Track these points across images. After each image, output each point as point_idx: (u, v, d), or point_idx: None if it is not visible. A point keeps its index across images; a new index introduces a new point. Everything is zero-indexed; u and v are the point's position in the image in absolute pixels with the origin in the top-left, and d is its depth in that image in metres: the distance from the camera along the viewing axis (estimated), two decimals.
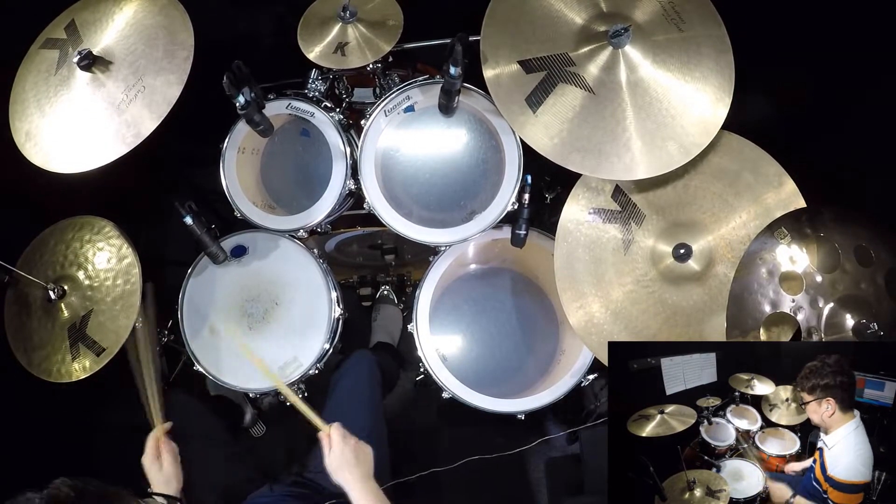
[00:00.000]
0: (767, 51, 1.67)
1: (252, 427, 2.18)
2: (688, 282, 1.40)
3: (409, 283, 2.28)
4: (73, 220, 1.64)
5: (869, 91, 1.64)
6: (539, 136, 1.37)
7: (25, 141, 1.50)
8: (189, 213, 1.52)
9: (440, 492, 2.11)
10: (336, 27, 1.59)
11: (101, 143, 1.43)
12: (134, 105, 1.42)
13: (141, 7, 1.51)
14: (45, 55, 1.55)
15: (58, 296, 1.54)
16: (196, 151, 2.09)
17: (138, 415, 1.43)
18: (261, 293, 1.68)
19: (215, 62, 1.38)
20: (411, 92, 1.61)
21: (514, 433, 2.16)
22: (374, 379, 1.67)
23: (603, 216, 1.46)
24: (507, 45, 1.40)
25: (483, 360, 1.85)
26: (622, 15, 1.39)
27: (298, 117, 1.68)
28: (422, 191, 1.67)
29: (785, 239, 1.19)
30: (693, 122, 1.35)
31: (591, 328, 1.41)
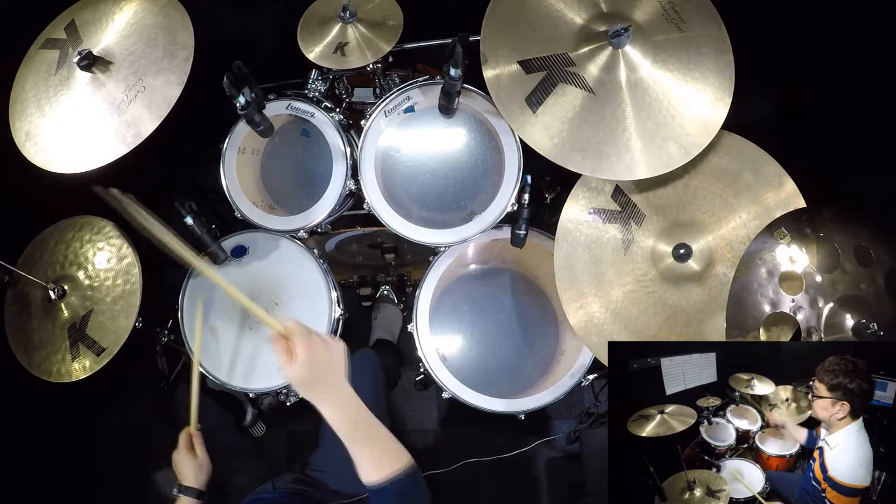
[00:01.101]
0: (767, 51, 1.67)
1: (252, 427, 2.18)
2: (688, 282, 1.40)
3: (409, 283, 2.29)
4: (73, 220, 1.65)
5: (869, 91, 1.64)
6: (539, 136, 1.37)
7: (25, 141, 1.50)
8: (189, 213, 1.52)
9: (440, 492, 2.11)
10: (336, 27, 1.59)
11: (101, 143, 1.43)
12: (134, 105, 1.42)
13: (141, 7, 1.50)
14: (45, 55, 1.55)
15: (58, 296, 1.55)
16: (196, 151, 2.09)
17: (138, 415, 1.43)
18: (261, 293, 1.68)
19: (215, 62, 1.38)
20: (411, 92, 1.61)
21: (514, 433, 2.17)
22: (377, 377, 1.67)
23: (603, 216, 1.46)
24: (507, 45, 1.40)
25: (483, 360, 1.85)
26: (622, 15, 1.39)
27: (298, 117, 1.68)
28: (422, 191, 1.67)
29: (785, 239, 1.19)
30: (693, 122, 1.35)
31: (591, 328, 1.41)
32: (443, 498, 2.11)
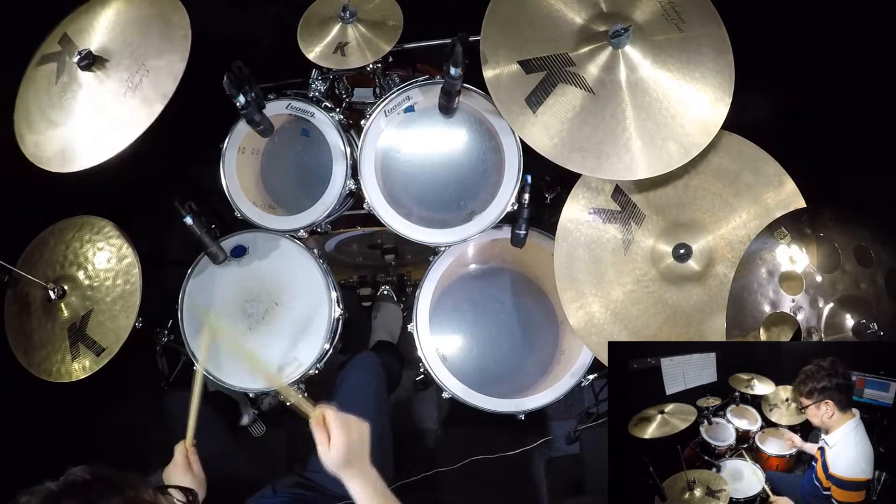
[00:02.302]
0: (767, 51, 1.67)
1: (252, 427, 2.18)
2: (688, 282, 1.40)
3: (409, 283, 2.28)
4: (73, 220, 1.65)
5: (869, 91, 1.64)
6: (539, 136, 1.37)
7: (35, 150, 1.51)
8: (189, 213, 1.52)
9: (440, 492, 2.11)
10: (336, 27, 1.59)
11: (118, 128, 1.43)
12: (141, 88, 1.43)
13: (125, 5, 1.53)
14: (44, 70, 1.56)
15: (58, 296, 1.55)
16: (196, 151, 2.10)
17: (138, 415, 1.43)
18: (261, 293, 1.68)
19: (215, 62, 1.38)
20: (411, 92, 1.61)
21: (514, 433, 2.17)
22: (379, 379, 1.67)
23: (603, 216, 1.46)
24: (507, 45, 1.40)
25: (483, 360, 1.85)
26: (622, 15, 1.39)
27: (298, 117, 1.67)
28: (422, 191, 1.67)
29: (785, 239, 1.19)
30: (693, 122, 1.35)
31: (591, 328, 1.41)
32: (443, 496, 2.11)
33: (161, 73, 1.43)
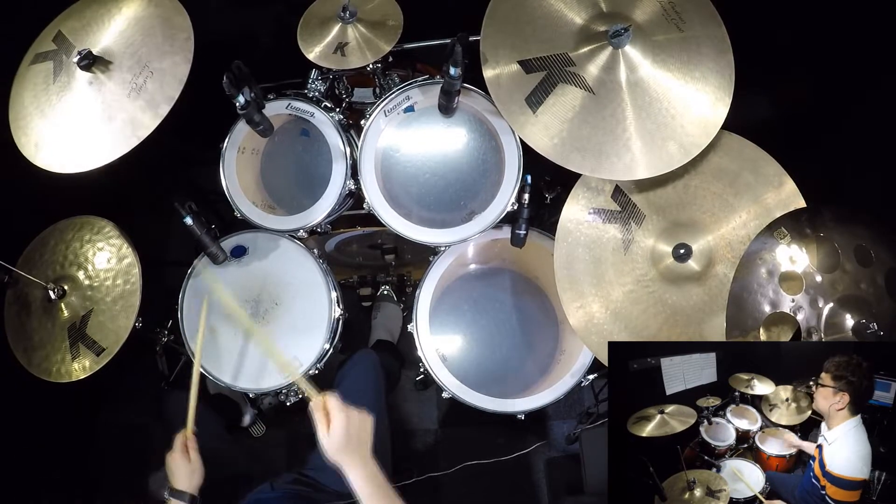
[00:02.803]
0: (767, 51, 1.67)
1: (252, 427, 2.18)
2: (688, 282, 1.40)
3: (409, 283, 2.29)
4: (73, 220, 1.65)
5: (869, 91, 1.64)
6: (539, 136, 1.37)
7: (37, 152, 1.50)
8: (189, 213, 1.52)
9: (440, 492, 2.11)
10: (336, 27, 1.59)
11: (121, 131, 1.42)
12: (146, 90, 1.43)
13: (129, 7, 1.52)
14: (38, 69, 1.55)
15: (58, 296, 1.55)
16: (196, 151, 2.09)
17: (138, 415, 1.43)
18: (261, 293, 1.68)
19: (215, 62, 1.38)
20: (411, 92, 1.61)
21: (514, 433, 2.17)
22: (378, 378, 1.67)
23: (603, 216, 1.46)
24: (507, 45, 1.40)
25: (483, 360, 1.85)
26: (622, 15, 1.39)
27: (298, 117, 1.68)
28: (422, 191, 1.67)
29: (785, 239, 1.19)
30: (693, 122, 1.35)
31: (591, 328, 1.41)
32: (443, 496, 2.11)
33: (165, 76, 1.42)
